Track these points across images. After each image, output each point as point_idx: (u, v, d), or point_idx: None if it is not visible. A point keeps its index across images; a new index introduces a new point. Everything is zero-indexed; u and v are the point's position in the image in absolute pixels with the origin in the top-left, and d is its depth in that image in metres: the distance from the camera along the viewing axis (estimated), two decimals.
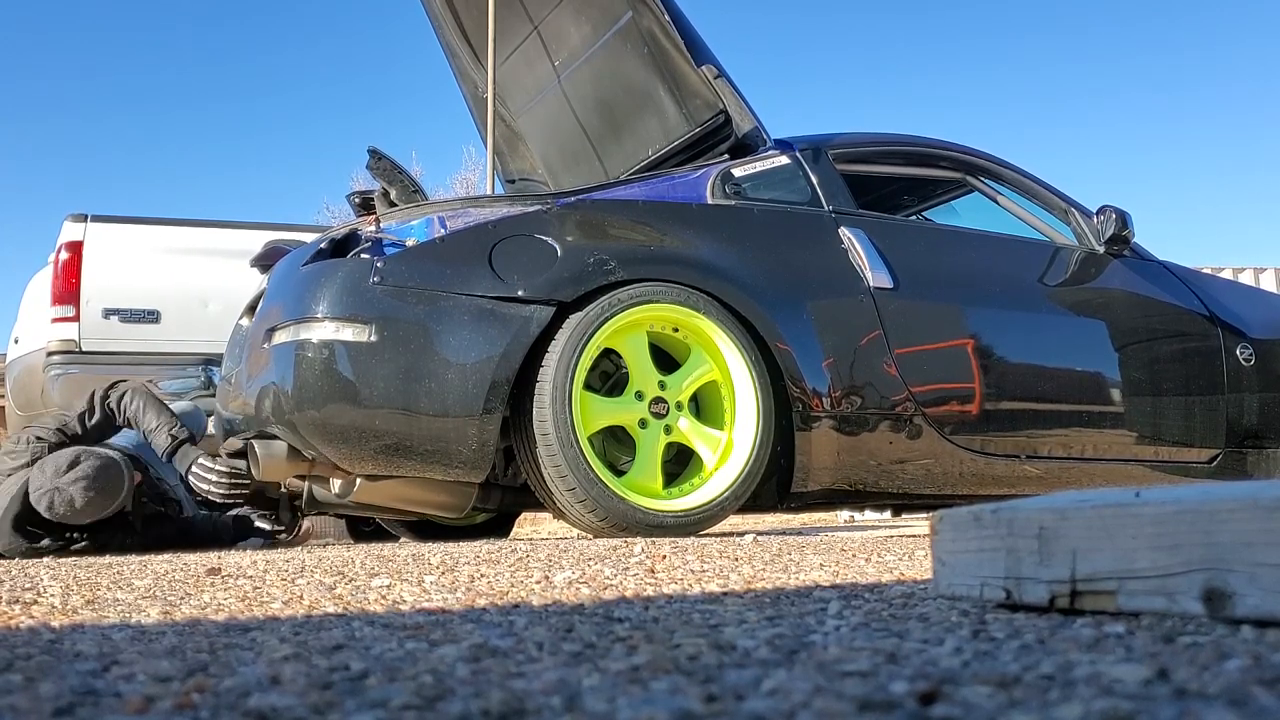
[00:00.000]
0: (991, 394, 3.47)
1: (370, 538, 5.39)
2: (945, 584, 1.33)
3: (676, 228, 3.30)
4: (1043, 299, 3.74)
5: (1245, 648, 0.89)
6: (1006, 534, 1.21)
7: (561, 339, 2.96)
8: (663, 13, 3.47)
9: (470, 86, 4.59)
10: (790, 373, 3.16)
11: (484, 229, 3.12)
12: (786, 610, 1.37)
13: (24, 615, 1.51)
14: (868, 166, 3.86)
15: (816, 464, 3.18)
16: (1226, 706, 0.68)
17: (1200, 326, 3.87)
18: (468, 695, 0.82)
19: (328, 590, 1.77)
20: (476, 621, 1.34)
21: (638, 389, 3.09)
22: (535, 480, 3.03)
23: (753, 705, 0.75)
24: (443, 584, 1.84)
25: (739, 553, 2.34)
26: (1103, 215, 3.85)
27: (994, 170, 4.00)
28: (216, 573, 2.07)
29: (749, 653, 1.01)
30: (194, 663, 1.04)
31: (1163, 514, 1.06)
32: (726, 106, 3.51)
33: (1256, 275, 12.26)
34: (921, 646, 1.00)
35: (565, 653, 1.04)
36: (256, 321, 3.36)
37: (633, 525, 2.96)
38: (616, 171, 4.02)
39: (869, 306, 3.34)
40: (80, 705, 0.82)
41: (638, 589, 1.71)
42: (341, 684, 0.89)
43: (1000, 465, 3.44)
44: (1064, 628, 1.08)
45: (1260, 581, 0.97)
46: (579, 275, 3.03)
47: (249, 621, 1.41)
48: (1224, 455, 3.80)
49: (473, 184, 17.82)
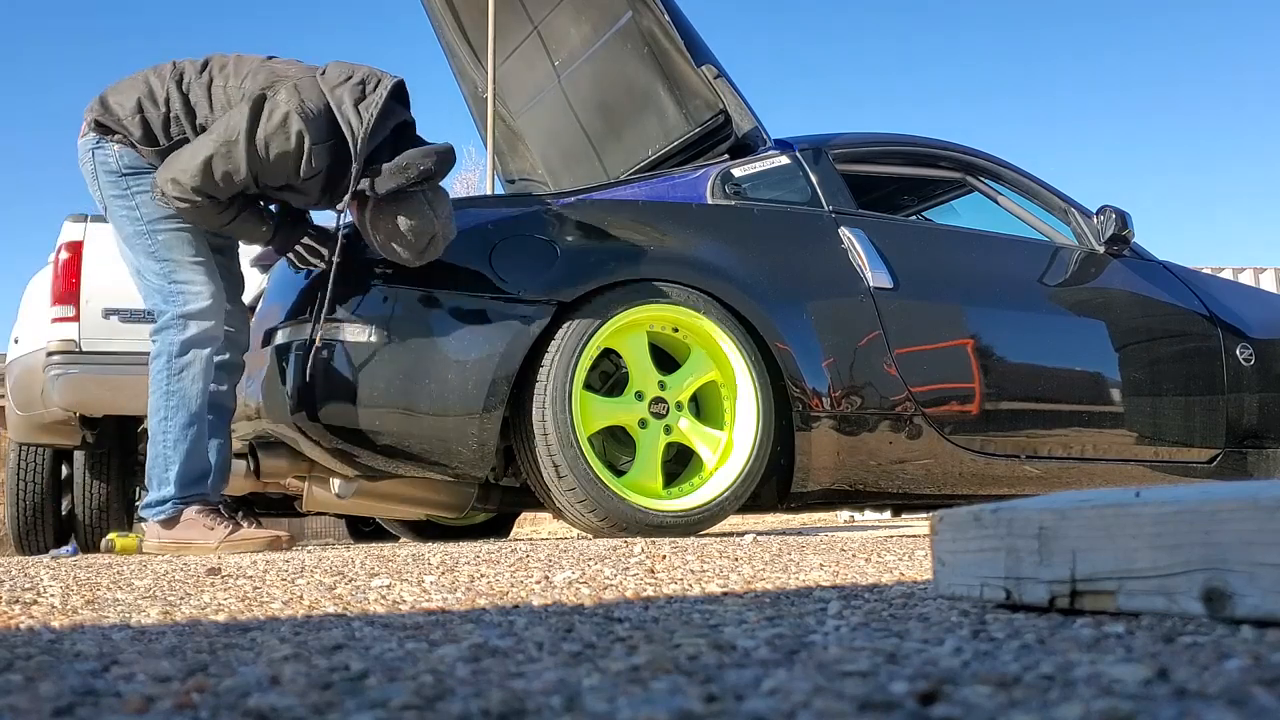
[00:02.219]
0: (991, 394, 3.47)
1: (370, 538, 5.39)
2: (945, 584, 1.33)
3: (676, 228, 3.30)
4: (1043, 299, 3.74)
5: (1245, 648, 0.89)
6: (1006, 534, 1.21)
7: (561, 339, 2.96)
8: (663, 13, 3.47)
9: (470, 86, 4.60)
10: (790, 373, 3.16)
11: (484, 229, 3.12)
12: (786, 610, 1.37)
13: (24, 615, 1.51)
14: (868, 166, 3.86)
15: (816, 464, 3.19)
16: (1226, 706, 0.68)
17: (1200, 326, 3.87)
18: (468, 695, 0.82)
19: (328, 590, 1.77)
20: (476, 621, 1.34)
21: (638, 389, 3.09)
22: (535, 480, 3.03)
23: (753, 705, 0.75)
24: (443, 584, 1.84)
25: (739, 553, 2.34)
26: (1102, 215, 3.85)
27: (994, 170, 4.00)
28: (216, 573, 2.07)
29: (749, 653, 1.01)
30: (194, 663, 1.04)
31: (1163, 514, 1.06)
32: (726, 106, 3.51)
33: (1256, 275, 12.27)
34: (921, 646, 1.00)
35: (565, 653, 1.04)
36: (256, 321, 3.36)
37: (633, 525, 2.96)
38: (616, 171, 4.02)
39: (869, 306, 3.34)
40: (80, 705, 0.82)
41: (638, 589, 1.71)
42: (341, 684, 0.89)
43: (1000, 465, 3.44)
44: (1064, 628, 1.08)
45: (1260, 581, 0.97)
46: (579, 275, 3.04)
47: (249, 621, 1.41)
48: (1224, 455, 3.80)
49: (473, 184, 17.83)
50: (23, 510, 5.40)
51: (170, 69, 2.98)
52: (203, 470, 3.03)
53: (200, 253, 3.01)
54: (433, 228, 2.89)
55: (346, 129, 2.83)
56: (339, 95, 2.85)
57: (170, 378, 2.97)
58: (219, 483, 3.10)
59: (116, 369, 4.64)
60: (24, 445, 5.38)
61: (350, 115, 2.83)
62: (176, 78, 2.95)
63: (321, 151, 2.83)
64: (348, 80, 2.88)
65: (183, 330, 2.97)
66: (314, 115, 2.82)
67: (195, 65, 2.98)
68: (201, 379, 2.98)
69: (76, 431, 5.00)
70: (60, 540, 5.38)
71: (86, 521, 5.31)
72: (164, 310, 2.99)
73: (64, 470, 5.57)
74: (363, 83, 2.88)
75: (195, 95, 2.93)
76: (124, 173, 2.98)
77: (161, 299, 3.00)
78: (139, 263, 3.03)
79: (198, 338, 2.98)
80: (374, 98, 2.86)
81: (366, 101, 2.85)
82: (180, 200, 2.88)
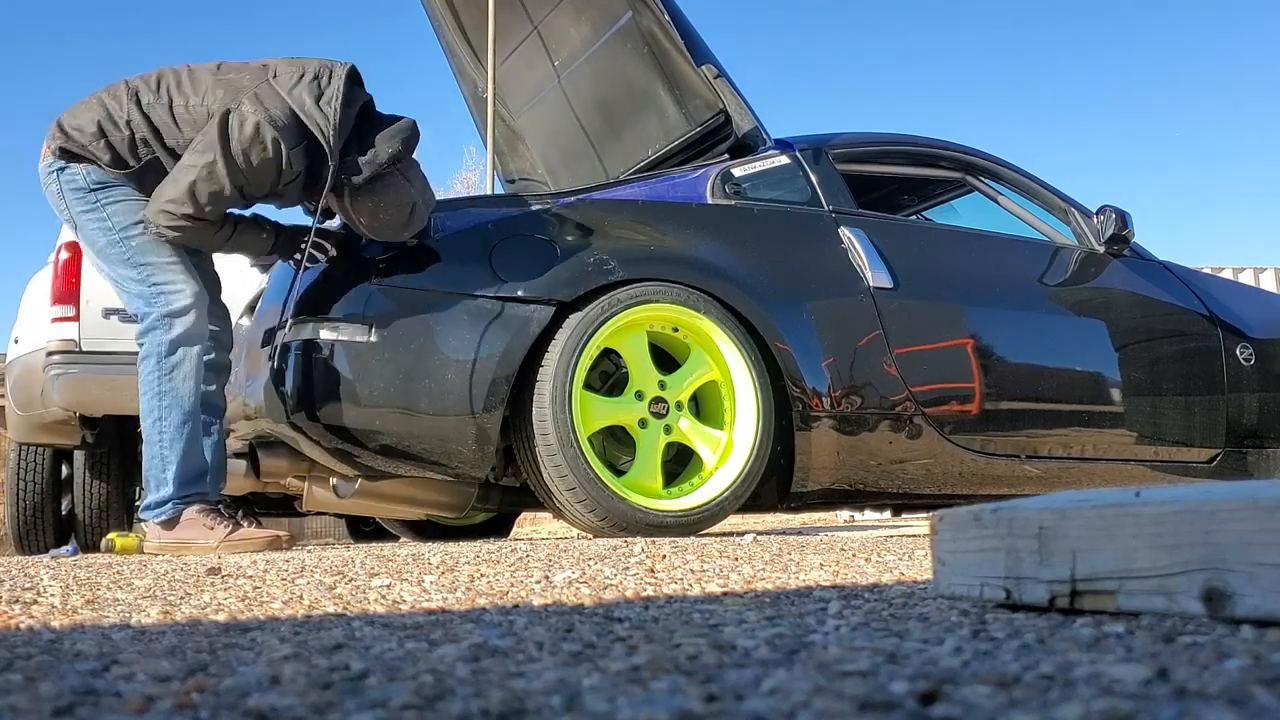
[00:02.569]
0: (991, 394, 3.47)
1: (370, 538, 5.39)
2: (945, 584, 1.33)
3: (676, 227, 3.30)
4: (1043, 299, 3.74)
5: (1245, 648, 0.89)
6: (1006, 534, 1.21)
7: (561, 339, 2.96)
8: (663, 13, 3.47)
9: (470, 86, 4.59)
10: (790, 372, 3.16)
11: (484, 229, 3.12)
12: (786, 610, 1.37)
13: (24, 615, 1.51)
14: (868, 166, 3.86)
15: (816, 464, 3.19)
16: (1226, 706, 0.68)
17: (1200, 326, 3.87)
18: (468, 695, 0.82)
19: (328, 590, 1.77)
20: (476, 621, 1.34)
21: (638, 389, 3.09)
22: (535, 480, 3.03)
23: (753, 705, 0.75)
24: (443, 584, 1.84)
25: (739, 553, 2.34)
26: (1102, 215, 3.85)
27: (994, 170, 4.00)
28: (216, 573, 2.07)
29: (749, 652, 1.01)
30: (194, 662, 1.04)
31: (1163, 514, 1.06)
32: (726, 106, 3.51)
33: (1256, 275, 12.28)
34: (921, 646, 1.00)
35: (565, 652, 1.04)
36: (255, 321, 3.36)
37: (633, 525, 2.96)
38: (616, 171, 4.02)
39: (869, 306, 3.34)
40: (80, 705, 0.82)
41: (638, 589, 1.71)
42: (341, 684, 0.89)
43: (1000, 465, 3.44)
44: (1064, 628, 1.08)
45: (1260, 581, 0.97)
46: (579, 275, 3.04)
47: (249, 621, 1.41)
48: (1224, 455, 3.80)
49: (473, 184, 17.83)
50: (23, 510, 5.40)
51: (124, 89, 2.99)
52: (200, 469, 3.03)
53: (175, 253, 3.03)
54: (410, 197, 2.96)
55: (315, 129, 2.87)
56: (298, 97, 2.88)
57: (161, 378, 2.98)
58: (216, 482, 3.10)
59: (116, 369, 4.64)
60: (24, 445, 5.39)
61: (315, 114, 2.87)
62: (134, 99, 2.96)
63: (298, 154, 2.88)
64: (301, 79, 2.91)
65: (169, 330, 2.98)
66: (282, 121, 2.85)
67: (149, 84, 2.99)
68: (193, 377, 3.00)
69: (76, 431, 5.01)
70: (60, 540, 5.38)
71: (86, 521, 5.31)
72: (148, 313, 3.00)
73: (64, 470, 5.57)
74: (316, 78, 2.92)
75: (158, 117, 2.95)
76: (92, 188, 2.99)
77: (143, 303, 3.01)
78: (116, 272, 3.04)
79: (184, 336, 2.99)
80: (331, 91, 2.90)
81: (326, 96, 2.89)
82: (174, 230, 2.91)
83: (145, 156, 2.97)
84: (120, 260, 3.01)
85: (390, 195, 2.93)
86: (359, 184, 2.91)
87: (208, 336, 3.06)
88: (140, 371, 3.02)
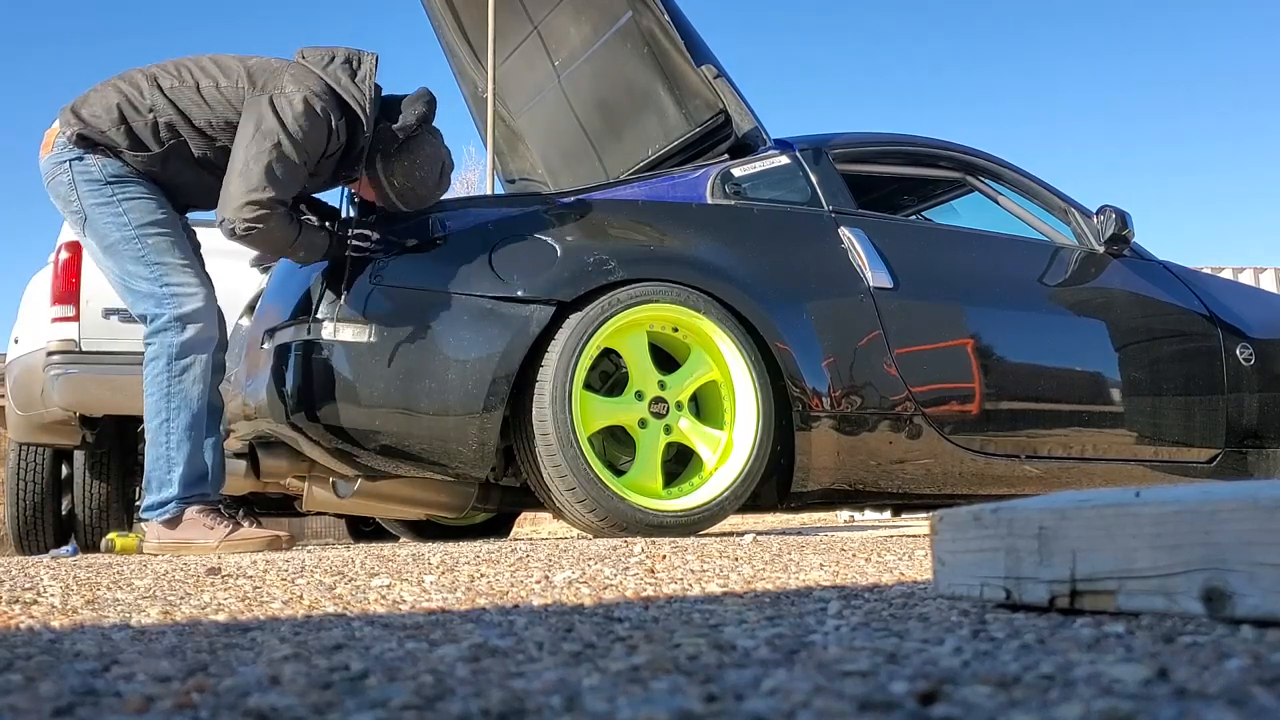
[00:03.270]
0: (991, 394, 3.47)
1: (370, 538, 5.39)
2: (945, 584, 1.33)
3: (676, 228, 3.30)
4: (1043, 299, 3.74)
5: (1245, 648, 0.89)
6: (1006, 534, 1.21)
7: (561, 339, 2.96)
8: (663, 13, 3.47)
9: (470, 86, 4.59)
10: (790, 373, 3.16)
11: (484, 229, 3.13)
12: (786, 610, 1.37)
13: (24, 615, 1.51)
14: (868, 166, 3.86)
15: (816, 464, 3.19)
16: (1226, 706, 0.68)
17: (1200, 326, 3.87)
18: (468, 695, 0.82)
19: (328, 590, 1.77)
20: (476, 621, 1.34)
21: (638, 389, 3.09)
22: (535, 480, 3.03)
23: (753, 705, 0.75)
24: (443, 584, 1.84)
25: (739, 553, 2.34)
26: (1102, 215, 3.85)
27: (994, 170, 4.00)
28: (216, 573, 2.07)
29: (749, 652, 1.01)
30: (194, 662, 1.04)
31: (1163, 514, 1.06)
32: (726, 106, 3.51)
33: (1256, 275, 12.28)
34: (921, 646, 1.00)
35: (565, 652, 1.04)
36: (255, 321, 3.36)
37: (633, 525, 2.96)
38: (616, 171, 4.02)
39: (869, 306, 3.34)
40: (80, 705, 0.82)
41: (638, 589, 1.71)
42: (341, 684, 0.89)
43: (1000, 465, 3.44)
44: (1064, 628, 1.08)
45: (1260, 581, 0.97)
46: (579, 275, 3.04)
47: (249, 621, 1.41)
48: (1224, 455, 3.80)
49: (473, 184, 17.83)
50: (23, 510, 5.40)
51: (141, 76, 3.01)
52: (203, 470, 3.03)
53: (188, 256, 3.05)
54: (440, 155, 3.13)
55: (352, 102, 3.00)
56: (334, 74, 3.02)
57: (171, 380, 2.98)
58: (217, 482, 3.10)
59: (116, 369, 4.64)
60: (24, 445, 5.38)
61: (351, 89, 3.01)
62: (154, 84, 2.98)
63: (342, 126, 2.99)
64: (333, 60, 3.05)
65: (180, 332, 2.98)
66: (325, 95, 2.96)
67: (167, 70, 3.02)
68: (202, 381, 3.00)
69: (76, 431, 5.01)
70: (60, 540, 5.38)
71: (86, 521, 5.31)
72: (158, 314, 3.00)
73: (64, 470, 5.57)
74: (348, 60, 3.07)
75: (185, 100, 2.97)
76: (108, 181, 2.99)
77: (154, 303, 3.00)
78: (125, 269, 3.02)
79: (195, 340, 2.99)
80: (364, 70, 3.06)
81: (360, 74, 3.05)
82: (259, 223, 2.91)
83: (168, 141, 2.99)
84: (133, 258, 3.01)
85: (424, 152, 3.08)
86: (393, 150, 3.05)
87: (217, 340, 3.07)
88: (147, 372, 3.02)
